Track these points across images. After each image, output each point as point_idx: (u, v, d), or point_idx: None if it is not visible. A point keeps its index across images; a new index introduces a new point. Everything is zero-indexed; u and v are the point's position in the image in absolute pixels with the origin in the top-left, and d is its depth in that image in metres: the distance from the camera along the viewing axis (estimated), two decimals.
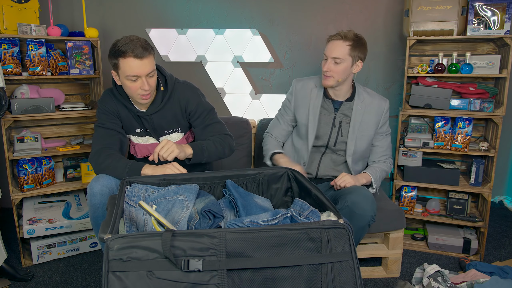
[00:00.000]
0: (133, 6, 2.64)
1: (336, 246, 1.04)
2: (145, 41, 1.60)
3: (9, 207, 2.72)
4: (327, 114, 1.92)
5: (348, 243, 1.05)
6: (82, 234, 2.23)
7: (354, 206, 1.60)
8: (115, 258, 0.95)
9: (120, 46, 1.55)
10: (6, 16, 2.03)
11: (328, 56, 1.81)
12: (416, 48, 2.46)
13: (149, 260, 0.96)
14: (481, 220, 2.29)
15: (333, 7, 2.68)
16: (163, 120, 1.76)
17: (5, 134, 2.06)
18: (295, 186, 1.51)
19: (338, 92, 1.90)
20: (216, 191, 1.51)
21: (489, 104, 2.22)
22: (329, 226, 1.04)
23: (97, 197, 1.52)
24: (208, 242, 0.98)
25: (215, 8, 2.69)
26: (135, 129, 1.79)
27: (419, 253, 2.32)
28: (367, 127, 1.91)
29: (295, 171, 1.51)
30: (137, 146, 1.82)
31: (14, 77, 2.09)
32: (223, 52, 2.72)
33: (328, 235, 1.04)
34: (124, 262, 0.95)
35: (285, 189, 1.55)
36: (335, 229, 1.05)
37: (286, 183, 1.55)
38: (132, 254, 0.96)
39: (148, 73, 1.59)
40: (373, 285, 1.99)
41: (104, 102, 1.76)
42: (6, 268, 1.94)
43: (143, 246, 0.96)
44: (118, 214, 1.14)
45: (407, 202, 2.40)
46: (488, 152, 2.22)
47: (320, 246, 1.03)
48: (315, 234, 1.03)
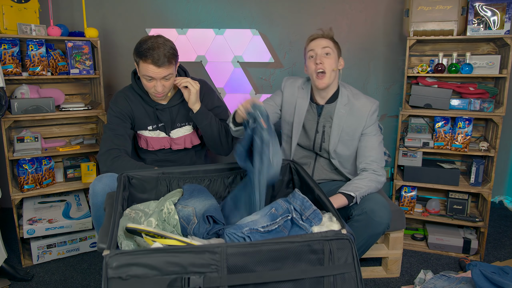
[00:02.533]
0: (133, 6, 2.64)
1: (339, 257, 1.02)
2: (170, 48, 1.64)
3: (9, 207, 2.72)
4: (311, 119, 1.87)
5: (351, 254, 1.02)
6: (82, 234, 2.23)
7: (373, 214, 1.58)
8: (114, 276, 0.92)
9: (144, 49, 1.60)
10: (6, 16, 2.03)
11: (316, 49, 1.75)
12: (416, 48, 2.46)
13: (148, 278, 0.93)
14: (481, 220, 2.29)
15: (333, 7, 2.68)
16: (180, 113, 1.85)
17: (5, 134, 2.06)
18: (297, 179, 1.51)
19: (326, 94, 1.82)
20: (216, 184, 1.52)
21: (489, 104, 2.22)
22: (332, 238, 1.01)
23: (99, 196, 1.53)
24: (209, 258, 0.96)
25: (215, 8, 2.69)
26: (147, 126, 1.84)
27: (419, 253, 2.32)
28: (350, 130, 1.81)
29: (297, 164, 1.50)
30: (149, 139, 1.86)
31: (14, 77, 2.09)
32: (223, 52, 2.72)
33: (331, 246, 1.01)
34: (123, 280, 0.92)
35: (287, 181, 1.55)
36: (338, 241, 1.02)
37: (288, 175, 1.55)
38: (131, 272, 0.93)
39: (163, 77, 1.64)
40: (373, 285, 1.99)
41: (116, 103, 1.80)
42: (6, 268, 1.94)
43: (142, 264, 0.93)
44: (116, 221, 1.12)
45: (407, 202, 2.40)
46: (488, 152, 2.22)
47: (323, 258, 1.01)
48: (317, 246, 1.01)
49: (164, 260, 0.94)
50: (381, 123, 2.74)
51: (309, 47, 1.80)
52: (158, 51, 1.59)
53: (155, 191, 1.49)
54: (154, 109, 1.81)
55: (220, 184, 1.54)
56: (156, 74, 1.63)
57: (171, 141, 1.88)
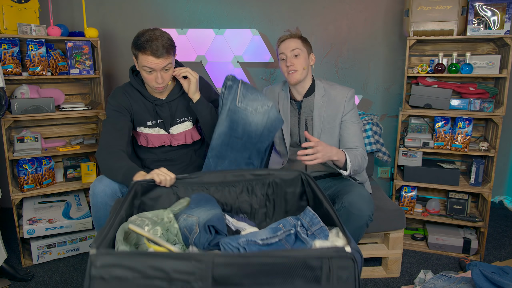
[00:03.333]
0: (133, 6, 2.64)
1: (339, 276, 0.92)
2: (168, 39, 1.66)
3: (9, 207, 2.72)
4: (293, 116, 1.93)
5: (353, 275, 0.93)
6: (82, 234, 2.23)
7: (351, 207, 1.59)
8: (96, 276, 0.91)
9: (143, 41, 1.62)
10: (6, 16, 2.03)
11: (286, 52, 1.84)
12: (416, 48, 2.46)
13: (129, 281, 0.90)
14: (481, 220, 2.29)
15: (333, 7, 2.68)
16: (179, 108, 1.85)
17: (5, 134, 2.06)
18: (309, 191, 1.44)
19: (302, 89, 1.89)
20: (226, 192, 1.49)
21: (489, 104, 2.22)
22: (332, 255, 0.92)
23: (99, 197, 1.52)
24: (194, 266, 0.91)
25: (215, 8, 2.69)
26: (147, 122, 1.84)
27: (419, 253, 2.32)
28: (330, 119, 1.87)
29: (308, 175, 1.45)
30: (149, 136, 1.86)
31: (14, 77, 2.09)
32: (223, 52, 2.72)
33: (330, 264, 0.92)
34: (104, 281, 0.91)
35: (299, 194, 1.48)
36: (340, 259, 0.92)
37: (301, 187, 1.49)
38: (114, 273, 0.91)
39: (162, 68, 1.66)
40: (373, 285, 1.99)
41: (115, 97, 1.79)
42: (6, 268, 1.94)
43: (126, 266, 0.91)
44: (115, 224, 1.10)
45: (407, 202, 2.40)
46: (488, 152, 2.22)
47: (320, 276, 0.92)
48: (315, 262, 0.92)
49: (147, 264, 0.91)
50: (381, 123, 2.74)
51: (279, 50, 1.88)
52: (157, 42, 1.61)
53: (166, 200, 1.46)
54: (153, 105, 1.81)
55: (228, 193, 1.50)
56: (156, 65, 1.64)
57: (171, 137, 1.88)
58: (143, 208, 1.42)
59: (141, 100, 1.81)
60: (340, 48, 2.73)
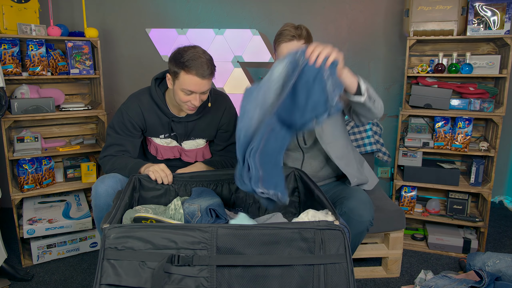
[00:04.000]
0: (133, 6, 2.64)
1: (330, 247, 1.03)
2: (210, 58, 1.55)
3: (9, 207, 2.72)
4: None
5: (343, 245, 1.04)
6: (82, 234, 2.23)
7: (352, 213, 1.57)
8: (110, 247, 0.99)
9: (187, 60, 1.49)
10: (6, 16, 2.03)
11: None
12: (416, 48, 2.46)
13: (142, 251, 0.98)
14: (481, 220, 2.29)
15: (333, 7, 2.68)
16: (198, 127, 1.77)
17: (5, 134, 2.06)
18: (301, 186, 1.52)
19: None
20: (222, 188, 1.56)
21: (489, 104, 2.22)
22: (323, 227, 1.03)
23: (101, 198, 1.52)
24: (200, 236, 1.00)
25: (215, 8, 2.69)
26: (159, 135, 1.77)
27: (419, 253, 2.32)
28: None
29: (301, 171, 1.53)
30: (159, 148, 1.80)
31: (14, 77, 2.09)
32: (223, 52, 2.72)
33: (322, 236, 1.03)
34: (118, 251, 0.99)
35: (291, 189, 1.56)
36: (330, 231, 1.04)
37: (293, 183, 1.57)
38: (127, 244, 0.99)
39: (205, 90, 1.57)
40: (373, 285, 1.99)
41: (128, 109, 1.69)
42: (6, 268, 1.94)
43: (137, 237, 0.99)
44: (121, 206, 1.19)
45: (407, 202, 2.40)
46: (488, 152, 2.22)
47: (314, 247, 1.03)
48: (308, 234, 1.03)
49: (158, 235, 0.99)
50: (381, 123, 2.74)
51: (280, 50, 1.64)
52: (202, 61, 1.50)
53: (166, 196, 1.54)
54: (169, 120, 1.72)
55: (226, 189, 1.57)
56: (199, 87, 1.53)
57: (182, 151, 1.82)
58: (142, 203, 1.50)
59: (156, 114, 1.71)
60: (340, 48, 2.70)
